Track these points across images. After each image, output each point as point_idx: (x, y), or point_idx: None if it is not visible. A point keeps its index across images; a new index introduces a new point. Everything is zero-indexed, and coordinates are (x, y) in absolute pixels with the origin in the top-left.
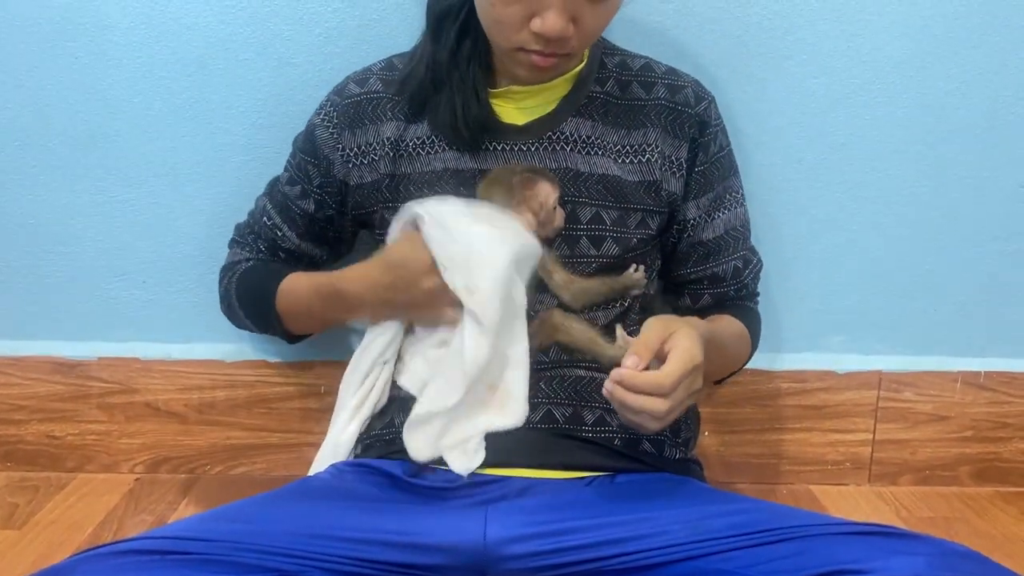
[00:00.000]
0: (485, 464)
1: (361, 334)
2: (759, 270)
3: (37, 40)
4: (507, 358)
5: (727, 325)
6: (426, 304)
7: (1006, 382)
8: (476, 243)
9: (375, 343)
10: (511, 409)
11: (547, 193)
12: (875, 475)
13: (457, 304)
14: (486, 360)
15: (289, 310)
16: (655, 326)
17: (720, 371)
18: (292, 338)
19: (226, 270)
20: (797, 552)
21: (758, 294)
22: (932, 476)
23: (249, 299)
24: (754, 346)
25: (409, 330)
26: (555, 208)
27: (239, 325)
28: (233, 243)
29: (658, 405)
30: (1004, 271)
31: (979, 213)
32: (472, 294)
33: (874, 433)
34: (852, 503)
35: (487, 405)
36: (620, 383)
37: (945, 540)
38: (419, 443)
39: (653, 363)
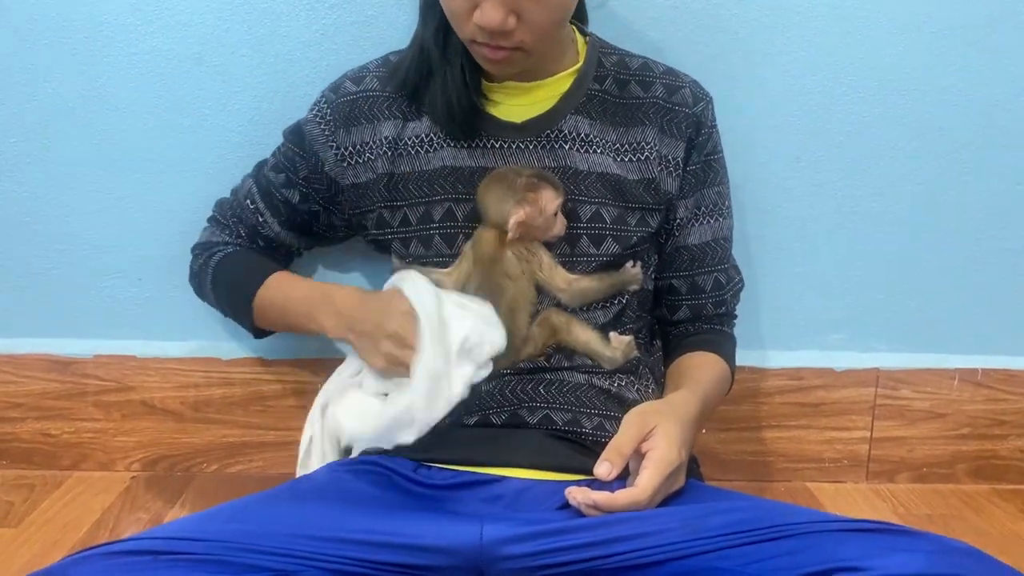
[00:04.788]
0: (483, 464)
1: None
2: (740, 289)
3: (34, 36)
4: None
5: (711, 373)
6: (391, 338)
7: (1003, 379)
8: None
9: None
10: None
11: (549, 199)
12: (872, 473)
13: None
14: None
15: (267, 307)
16: (632, 424)
17: (707, 421)
18: (257, 332)
19: (202, 248)
20: (795, 549)
21: (736, 316)
22: (929, 474)
23: (227, 289)
24: (733, 378)
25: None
26: (556, 214)
27: (204, 301)
28: (213, 221)
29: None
30: (1002, 269)
31: (977, 211)
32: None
33: (872, 431)
34: (849, 501)
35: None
36: (596, 508)
37: (944, 537)
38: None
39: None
